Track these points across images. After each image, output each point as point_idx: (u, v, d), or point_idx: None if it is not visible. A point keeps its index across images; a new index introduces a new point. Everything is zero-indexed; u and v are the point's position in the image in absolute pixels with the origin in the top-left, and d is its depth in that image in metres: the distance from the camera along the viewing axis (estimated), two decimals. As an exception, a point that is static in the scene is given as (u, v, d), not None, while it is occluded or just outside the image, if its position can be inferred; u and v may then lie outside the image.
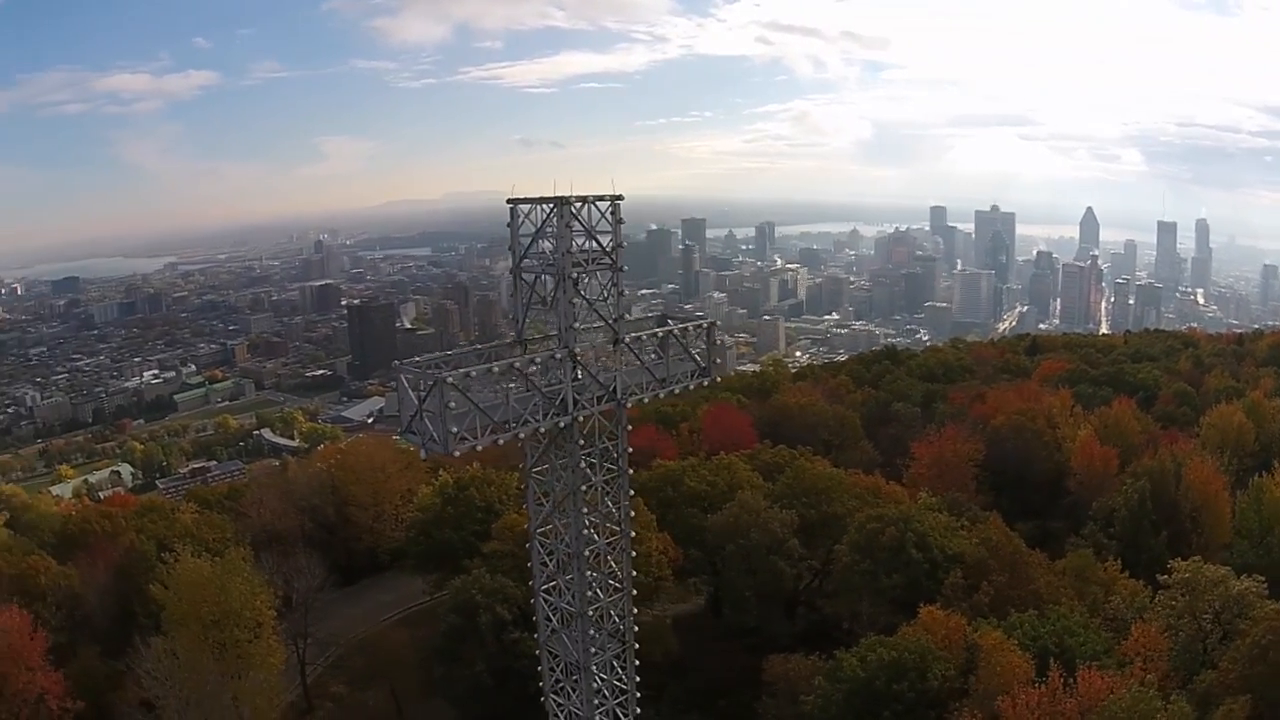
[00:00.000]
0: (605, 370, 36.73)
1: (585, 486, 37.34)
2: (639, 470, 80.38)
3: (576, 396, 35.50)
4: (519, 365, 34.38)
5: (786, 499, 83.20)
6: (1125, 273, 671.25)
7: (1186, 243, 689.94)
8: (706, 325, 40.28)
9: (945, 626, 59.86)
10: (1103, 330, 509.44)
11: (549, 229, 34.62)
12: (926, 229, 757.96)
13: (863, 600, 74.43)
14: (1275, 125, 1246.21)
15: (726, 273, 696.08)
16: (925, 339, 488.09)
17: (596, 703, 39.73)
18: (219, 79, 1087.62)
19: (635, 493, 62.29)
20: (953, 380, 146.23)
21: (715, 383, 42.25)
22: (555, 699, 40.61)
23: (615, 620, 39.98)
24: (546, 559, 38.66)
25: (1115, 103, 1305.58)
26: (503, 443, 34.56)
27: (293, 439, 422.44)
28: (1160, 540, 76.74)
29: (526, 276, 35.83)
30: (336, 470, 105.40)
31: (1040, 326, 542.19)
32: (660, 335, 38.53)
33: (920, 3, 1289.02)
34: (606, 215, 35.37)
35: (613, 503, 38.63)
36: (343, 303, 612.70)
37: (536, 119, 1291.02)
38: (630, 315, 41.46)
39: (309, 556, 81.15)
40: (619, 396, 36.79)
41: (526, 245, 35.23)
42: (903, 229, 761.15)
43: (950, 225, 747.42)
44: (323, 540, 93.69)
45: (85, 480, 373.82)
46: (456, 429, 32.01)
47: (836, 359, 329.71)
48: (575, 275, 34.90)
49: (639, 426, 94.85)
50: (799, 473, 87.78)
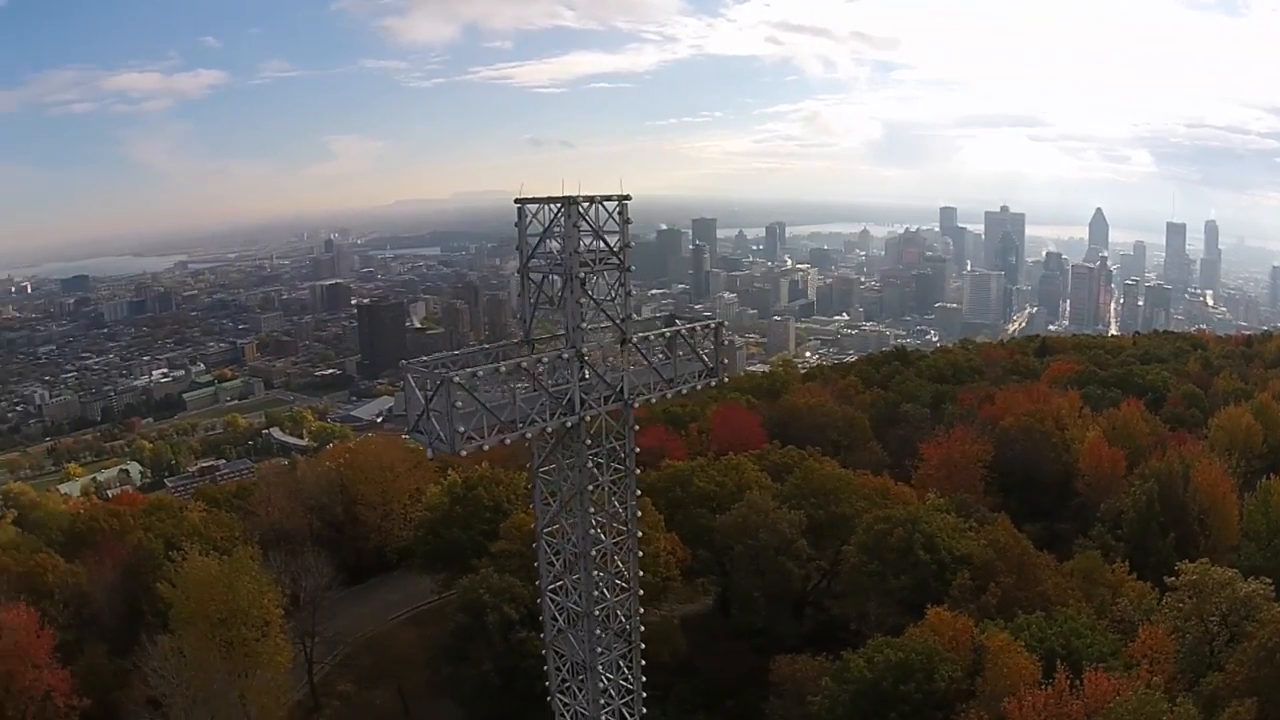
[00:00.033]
0: (612, 370, 36.71)
1: (592, 486, 37.39)
2: (648, 470, 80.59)
3: (584, 396, 35.48)
4: (526, 365, 34.45)
5: (795, 499, 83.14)
6: (1134, 274, 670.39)
7: (1196, 244, 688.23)
8: (714, 326, 40.21)
9: (952, 628, 59.74)
10: (1112, 331, 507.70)
11: (556, 229, 34.61)
12: (936, 230, 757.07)
13: (870, 601, 74.36)
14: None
15: (737, 273, 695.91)
16: (935, 340, 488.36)
17: (602, 702, 39.73)
18: (228, 78, 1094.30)
19: (644, 493, 62.60)
20: (962, 381, 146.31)
21: (724, 383, 42.07)
22: (561, 698, 40.62)
23: (621, 620, 40.02)
24: (553, 558, 38.69)
25: (1125, 104, 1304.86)
26: (509, 442, 34.63)
27: (302, 438, 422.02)
28: (1168, 542, 76.64)
29: (534, 276, 35.76)
30: (345, 469, 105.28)
31: (1050, 327, 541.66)
32: (668, 335, 38.57)
33: (930, 3, 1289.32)
34: (614, 215, 35.35)
35: (619, 502, 38.67)
36: (352, 302, 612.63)
37: (546, 119, 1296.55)
38: (640, 315, 41.50)
39: (317, 555, 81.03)
40: (626, 397, 36.76)
41: (534, 245, 35.22)
42: (913, 230, 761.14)
43: (960, 226, 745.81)
44: (331, 539, 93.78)
45: (94, 478, 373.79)
46: (463, 428, 32.08)
47: (846, 360, 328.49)
48: (582, 275, 34.85)
49: (648, 426, 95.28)
50: (807, 473, 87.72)
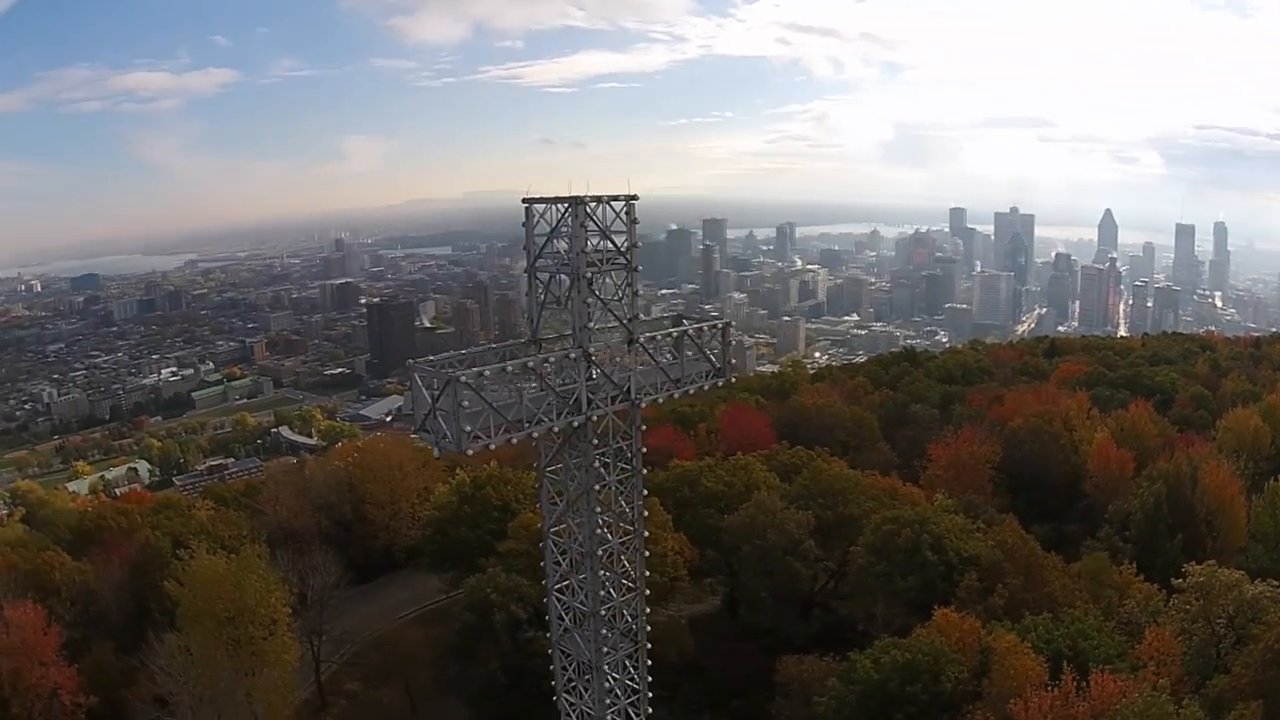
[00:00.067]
0: (620, 370, 36.69)
1: (599, 486, 37.39)
2: (656, 470, 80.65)
3: (590, 396, 35.52)
4: (533, 365, 34.50)
5: (803, 500, 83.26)
6: (1144, 275, 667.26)
7: (1205, 246, 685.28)
8: (721, 326, 40.20)
9: (959, 629, 59.80)
10: (1121, 333, 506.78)
11: (564, 229, 34.65)
12: (946, 230, 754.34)
13: (878, 602, 74.49)
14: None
15: (747, 273, 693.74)
16: (944, 341, 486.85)
17: (608, 702, 39.75)
18: (238, 77, 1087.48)
19: (652, 493, 62.62)
20: (971, 382, 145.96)
21: (731, 383, 42.16)
22: (567, 698, 40.62)
23: (628, 620, 39.97)
24: (560, 558, 38.74)
25: (1134, 105, 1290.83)
26: (516, 442, 34.69)
27: (311, 437, 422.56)
28: (1175, 544, 76.49)
29: (541, 276, 35.84)
30: (354, 468, 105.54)
31: (1059, 329, 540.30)
32: (675, 335, 38.56)
33: (939, 4, 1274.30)
34: (621, 215, 35.38)
35: (626, 502, 38.66)
36: (362, 301, 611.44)
37: (557, 118, 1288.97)
38: (650, 315, 41.56)
39: (325, 554, 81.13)
40: (633, 396, 36.76)
41: (541, 245, 35.29)
42: (923, 230, 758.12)
43: (970, 227, 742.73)
44: (339, 538, 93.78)
45: (102, 477, 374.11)
46: (469, 428, 32.10)
47: (856, 360, 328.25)
48: (590, 275, 34.84)
49: (656, 426, 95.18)
50: (816, 474, 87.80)
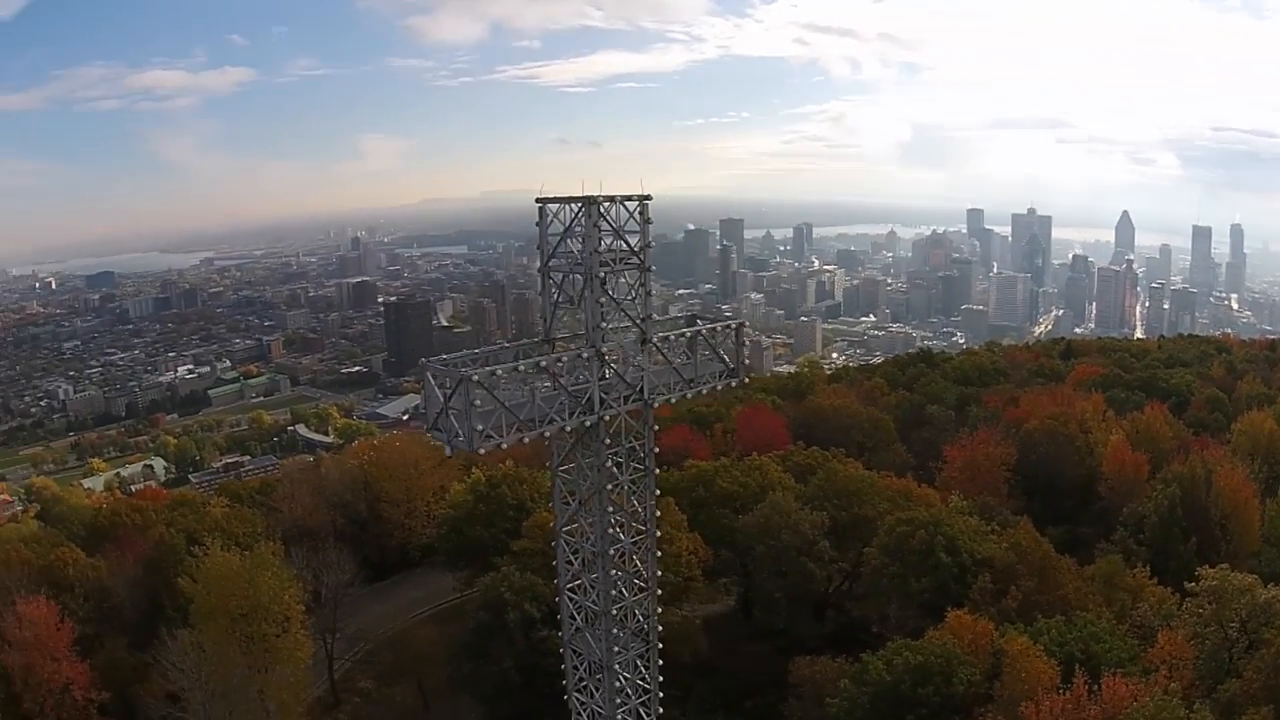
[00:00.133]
0: (633, 370, 36.80)
1: (611, 485, 37.52)
2: (671, 470, 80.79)
3: (603, 396, 35.66)
4: (546, 364, 34.61)
5: (818, 501, 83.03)
6: (1160, 277, 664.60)
7: (1221, 248, 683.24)
8: (735, 326, 40.30)
9: (972, 631, 59.61)
10: (1137, 335, 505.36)
11: (577, 228, 34.80)
12: (963, 231, 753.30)
13: (891, 603, 74.29)
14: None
15: (764, 273, 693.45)
16: (961, 342, 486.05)
17: (619, 701, 39.83)
18: (255, 76, 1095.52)
19: (667, 493, 62.79)
20: (987, 384, 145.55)
21: (745, 383, 42.18)
22: (578, 697, 40.75)
23: (639, 619, 40.10)
24: (571, 557, 38.86)
25: (1150, 107, 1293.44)
26: (528, 441, 34.86)
27: (327, 435, 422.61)
28: (1189, 547, 76.15)
29: (554, 276, 35.99)
30: (369, 466, 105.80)
31: (1076, 330, 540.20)
32: (688, 335, 38.68)
33: (957, 4, 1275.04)
34: (635, 215, 35.49)
35: (639, 502, 38.78)
36: (379, 300, 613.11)
37: (574, 118, 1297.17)
38: (667, 315, 41.63)
39: (339, 552, 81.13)
40: (646, 396, 36.89)
41: (555, 244, 35.40)
42: (940, 231, 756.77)
43: (987, 228, 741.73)
44: (354, 536, 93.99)
45: (117, 474, 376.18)
46: (482, 427, 32.29)
47: (872, 361, 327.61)
48: (603, 275, 34.98)
49: (672, 426, 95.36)
50: (831, 475, 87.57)
